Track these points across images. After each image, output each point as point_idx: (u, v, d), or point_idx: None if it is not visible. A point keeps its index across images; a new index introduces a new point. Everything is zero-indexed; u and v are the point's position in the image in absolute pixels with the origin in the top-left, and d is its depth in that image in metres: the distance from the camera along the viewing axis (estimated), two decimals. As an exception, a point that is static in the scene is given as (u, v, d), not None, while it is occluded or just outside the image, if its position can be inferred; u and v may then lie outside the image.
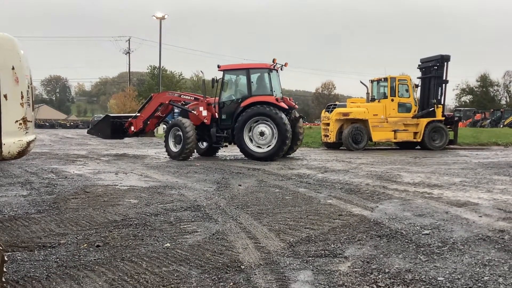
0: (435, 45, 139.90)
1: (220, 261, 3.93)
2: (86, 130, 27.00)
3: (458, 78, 76.07)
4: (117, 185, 8.21)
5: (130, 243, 4.49)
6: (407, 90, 19.38)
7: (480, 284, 3.38)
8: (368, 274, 3.63)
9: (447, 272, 3.65)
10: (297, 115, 14.46)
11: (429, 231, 4.91)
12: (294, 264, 3.86)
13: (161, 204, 6.40)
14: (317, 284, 3.42)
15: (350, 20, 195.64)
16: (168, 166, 11.46)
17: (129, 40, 65.33)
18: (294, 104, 14.16)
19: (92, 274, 3.63)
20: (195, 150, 14.28)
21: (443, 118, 19.40)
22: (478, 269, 3.70)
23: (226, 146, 14.83)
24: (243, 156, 13.77)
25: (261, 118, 13.18)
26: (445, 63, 19.13)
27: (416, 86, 19.97)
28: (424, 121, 18.98)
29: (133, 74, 76.89)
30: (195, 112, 14.08)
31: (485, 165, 11.93)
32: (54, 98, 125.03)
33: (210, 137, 14.28)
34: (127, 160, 13.13)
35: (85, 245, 4.43)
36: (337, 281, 3.48)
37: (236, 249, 4.28)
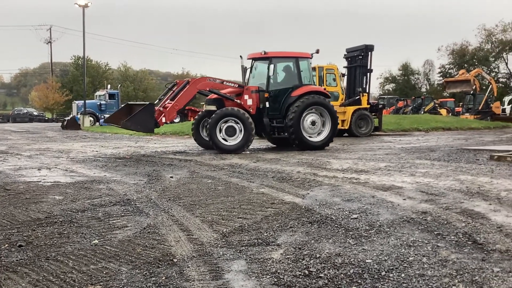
0: (361, 35, 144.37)
1: (152, 256, 3.84)
2: (5, 125, 25.06)
3: (382, 68, 79.03)
4: (40, 181, 7.81)
5: (55, 241, 4.29)
6: (334, 79, 19.92)
7: (405, 265, 3.53)
8: (300, 260, 3.69)
9: (375, 254, 3.79)
10: None
11: (357, 215, 5.07)
12: (228, 255, 3.85)
13: (88, 200, 6.16)
14: (251, 273, 3.44)
15: (276, 8, 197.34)
16: (96, 160, 11.06)
17: (50, 29, 62.31)
18: None
19: (14, 275, 3.43)
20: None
21: (369, 106, 20.15)
22: (403, 250, 3.86)
23: (281, 136, 13.56)
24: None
25: (314, 108, 13.03)
26: (369, 53, 19.81)
27: (343, 75, 20.59)
28: (350, 109, 19.59)
29: (55, 64, 73.21)
30: (238, 101, 12.92)
31: (407, 150, 12.53)
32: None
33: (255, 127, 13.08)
34: (50, 155, 12.51)
35: (6, 245, 4.17)
36: (270, 268, 3.51)
37: (168, 242, 4.21)
